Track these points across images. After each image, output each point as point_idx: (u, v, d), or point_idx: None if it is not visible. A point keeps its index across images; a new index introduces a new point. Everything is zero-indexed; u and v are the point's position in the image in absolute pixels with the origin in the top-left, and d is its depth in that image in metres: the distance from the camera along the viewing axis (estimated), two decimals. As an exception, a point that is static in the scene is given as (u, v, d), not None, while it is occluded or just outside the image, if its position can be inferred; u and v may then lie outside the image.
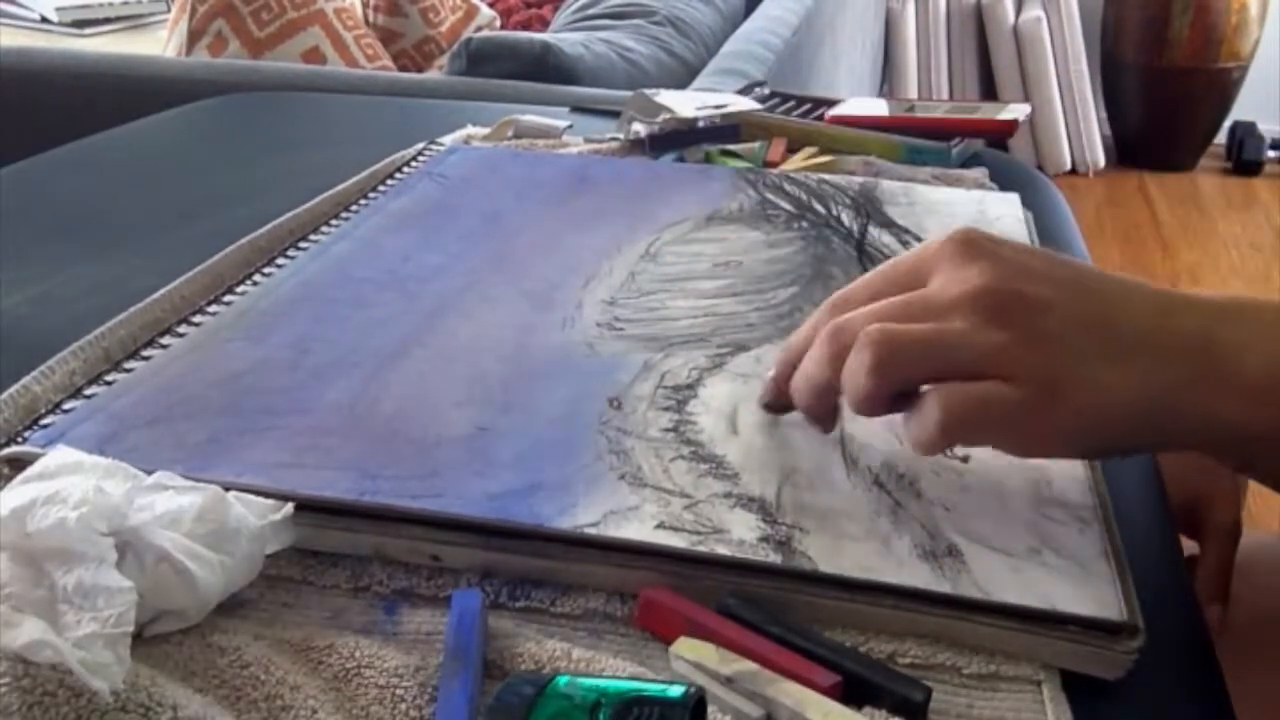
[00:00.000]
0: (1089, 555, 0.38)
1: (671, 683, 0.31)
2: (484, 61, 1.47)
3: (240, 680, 0.33)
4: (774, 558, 0.37)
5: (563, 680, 0.31)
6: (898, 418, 0.40)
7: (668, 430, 0.45)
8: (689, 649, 0.34)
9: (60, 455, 0.36)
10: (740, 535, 0.38)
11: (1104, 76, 3.36)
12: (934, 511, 0.40)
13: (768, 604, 0.37)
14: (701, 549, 0.37)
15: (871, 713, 0.33)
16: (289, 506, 0.37)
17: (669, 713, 0.29)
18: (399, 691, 0.33)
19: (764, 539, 0.38)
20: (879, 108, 0.89)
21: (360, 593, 0.38)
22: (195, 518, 0.35)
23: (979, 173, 0.79)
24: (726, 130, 0.82)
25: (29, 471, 0.35)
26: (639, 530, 0.38)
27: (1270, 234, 2.98)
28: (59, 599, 0.30)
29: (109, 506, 0.33)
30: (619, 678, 0.33)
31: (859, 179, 0.74)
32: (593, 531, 0.38)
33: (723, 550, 0.37)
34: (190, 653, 0.34)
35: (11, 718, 0.29)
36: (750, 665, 0.33)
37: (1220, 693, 0.37)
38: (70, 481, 0.33)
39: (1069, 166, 3.29)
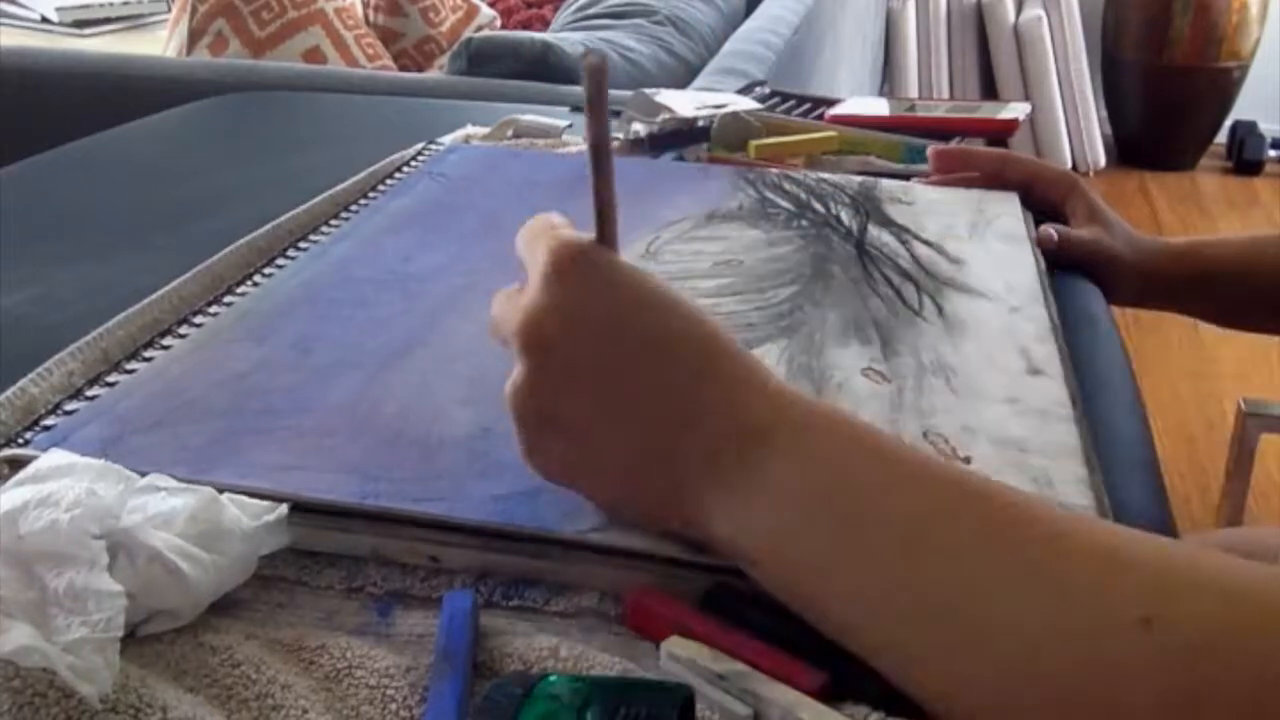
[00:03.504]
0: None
1: (659, 682, 0.31)
2: (485, 61, 1.47)
3: (231, 679, 0.33)
4: (773, 559, 0.37)
5: (551, 680, 0.31)
6: (901, 419, 0.39)
7: (667, 430, 0.44)
8: (681, 645, 0.34)
9: (53, 458, 0.36)
10: (740, 536, 0.38)
11: (1104, 76, 3.35)
12: (934, 511, 0.40)
13: (754, 597, 0.36)
14: (703, 554, 0.37)
15: (853, 709, 0.32)
16: (283, 508, 0.37)
17: (657, 712, 0.29)
18: (389, 691, 0.33)
19: (763, 539, 0.38)
20: (879, 107, 0.89)
21: (354, 594, 0.38)
22: (188, 518, 0.35)
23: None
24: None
25: (22, 474, 0.35)
26: (642, 535, 0.38)
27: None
28: (49, 602, 0.30)
29: (101, 508, 0.32)
30: (607, 677, 0.33)
31: (858, 178, 0.74)
32: (598, 537, 0.38)
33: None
34: (182, 652, 0.34)
35: (2, 718, 0.29)
36: (741, 665, 0.33)
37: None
38: (63, 484, 0.33)
39: (1069, 166, 3.29)
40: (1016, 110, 0.84)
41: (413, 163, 0.76)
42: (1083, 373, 0.52)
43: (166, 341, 0.51)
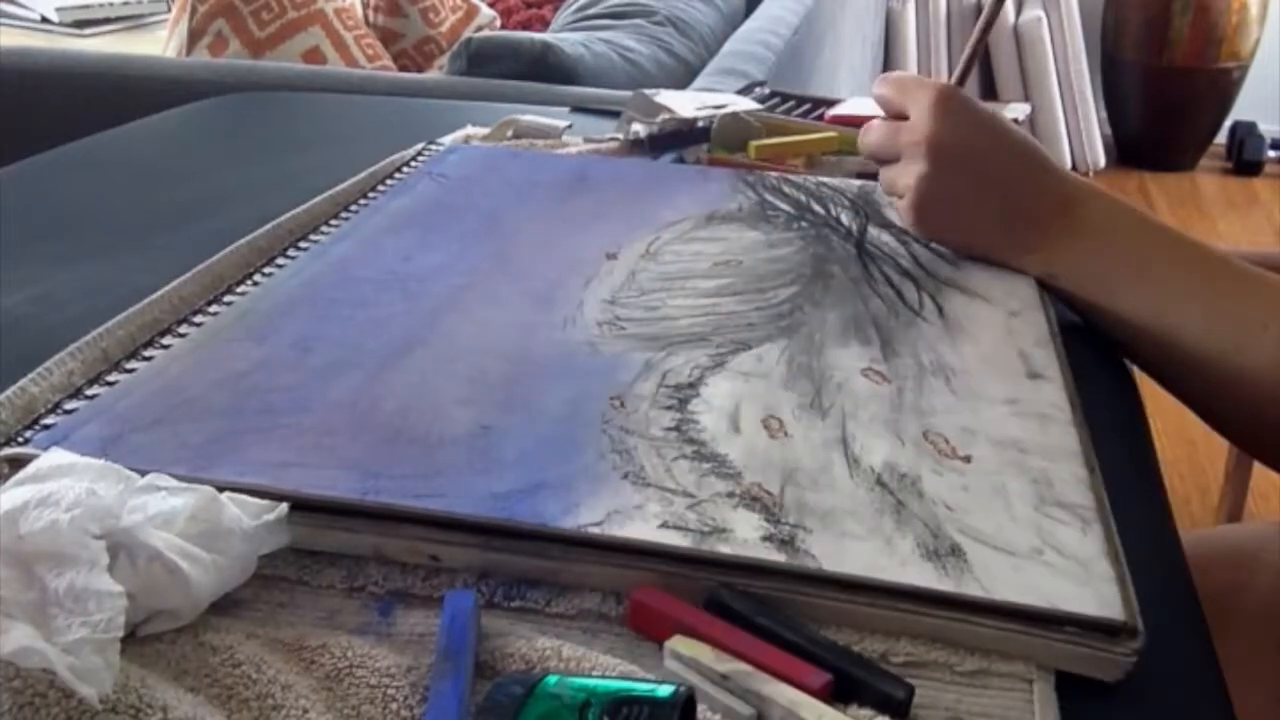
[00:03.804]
0: (1091, 554, 0.38)
1: (660, 682, 0.31)
2: (484, 61, 1.47)
3: (232, 679, 0.33)
4: (778, 557, 0.37)
5: (552, 680, 0.31)
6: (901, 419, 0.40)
7: (670, 429, 0.44)
8: (684, 645, 0.34)
9: (53, 457, 0.36)
10: (744, 535, 0.38)
11: (1104, 76, 3.35)
12: (936, 511, 0.40)
13: (758, 599, 0.36)
14: (705, 548, 0.37)
15: (856, 712, 0.32)
16: (283, 507, 0.37)
17: (658, 713, 0.29)
18: (390, 691, 0.33)
19: (767, 538, 0.38)
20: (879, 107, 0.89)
21: (355, 593, 0.38)
22: (188, 518, 0.35)
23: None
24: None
25: (22, 474, 0.35)
26: (642, 529, 0.38)
27: (1271, 234, 2.98)
28: (49, 602, 0.30)
29: (101, 508, 0.32)
30: (609, 677, 0.33)
31: (857, 182, 0.74)
32: (596, 531, 0.38)
33: (726, 550, 0.37)
34: (182, 652, 0.34)
35: (2, 718, 0.29)
36: (744, 665, 0.33)
37: (1220, 693, 0.37)
38: (63, 484, 0.33)
39: (1069, 166, 3.29)
40: (1016, 110, 0.84)
41: (413, 163, 0.76)
42: (1082, 375, 0.52)
43: (166, 341, 0.51)
